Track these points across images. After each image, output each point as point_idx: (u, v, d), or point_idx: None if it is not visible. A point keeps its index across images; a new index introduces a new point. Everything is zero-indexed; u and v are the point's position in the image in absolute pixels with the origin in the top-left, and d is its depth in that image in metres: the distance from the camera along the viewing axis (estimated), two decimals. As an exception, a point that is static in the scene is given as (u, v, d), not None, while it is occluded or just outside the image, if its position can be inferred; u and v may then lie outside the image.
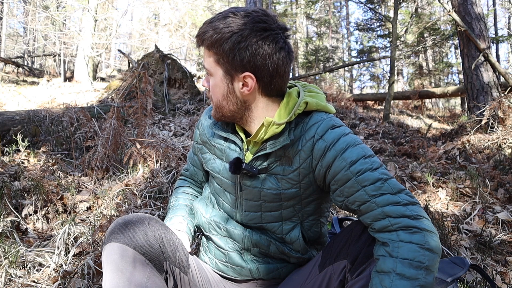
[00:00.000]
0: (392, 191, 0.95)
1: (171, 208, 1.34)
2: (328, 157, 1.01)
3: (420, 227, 0.90)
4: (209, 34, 1.00)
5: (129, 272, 0.92)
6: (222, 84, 1.04)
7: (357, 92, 17.36)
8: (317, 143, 1.03)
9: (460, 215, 2.45)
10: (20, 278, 1.58)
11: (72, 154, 3.26)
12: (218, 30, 0.99)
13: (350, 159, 0.98)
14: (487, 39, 5.36)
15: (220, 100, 1.07)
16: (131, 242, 0.96)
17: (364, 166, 0.97)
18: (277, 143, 1.05)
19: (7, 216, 2.01)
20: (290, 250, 1.14)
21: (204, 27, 1.03)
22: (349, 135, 1.03)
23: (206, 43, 1.02)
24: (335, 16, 20.19)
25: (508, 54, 19.28)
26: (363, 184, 0.96)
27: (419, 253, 0.87)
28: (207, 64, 1.05)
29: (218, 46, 0.99)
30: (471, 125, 4.80)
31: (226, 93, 1.05)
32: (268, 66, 0.99)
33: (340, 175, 0.99)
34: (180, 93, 6.51)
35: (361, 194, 0.96)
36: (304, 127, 1.06)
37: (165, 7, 12.75)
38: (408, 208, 0.93)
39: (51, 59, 14.02)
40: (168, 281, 1.03)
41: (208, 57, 1.04)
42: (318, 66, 14.16)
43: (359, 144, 1.02)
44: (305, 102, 1.06)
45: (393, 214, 0.92)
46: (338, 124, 1.05)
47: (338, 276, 1.00)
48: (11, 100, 6.72)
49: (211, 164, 1.21)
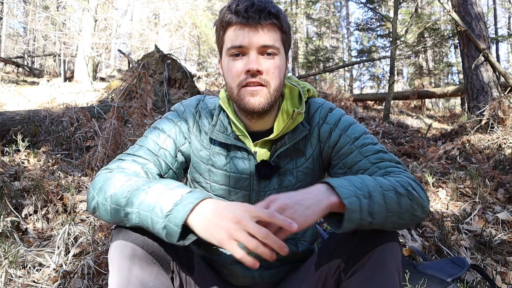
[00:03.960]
0: (392, 161, 1.04)
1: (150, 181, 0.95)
2: (334, 136, 1.08)
3: (417, 182, 0.97)
4: (275, 9, 0.98)
5: (136, 271, 0.91)
6: (285, 65, 1.05)
7: (357, 92, 17.36)
8: (322, 127, 1.09)
9: (460, 215, 2.45)
10: (20, 278, 1.58)
11: (72, 154, 3.26)
12: (277, 8, 0.99)
13: (353, 135, 1.06)
14: (487, 39, 5.36)
15: (281, 82, 1.04)
16: (138, 240, 0.93)
17: (366, 140, 1.06)
18: (296, 135, 1.06)
19: (7, 216, 2.01)
20: (299, 243, 1.15)
21: (261, 3, 0.97)
22: (346, 115, 1.13)
23: (279, 20, 0.99)
24: (335, 16, 20.19)
25: (508, 54, 19.28)
26: (366, 155, 1.03)
27: (408, 185, 0.93)
28: (276, 42, 0.99)
29: (285, 25, 1.01)
30: (471, 125, 4.80)
31: (285, 74, 1.06)
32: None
33: (344, 150, 1.06)
34: (180, 93, 6.51)
35: (364, 163, 1.02)
36: (308, 116, 1.10)
37: (165, 7, 12.75)
38: (407, 172, 1.01)
39: (51, 59, 14.01)
40: (174, 281, 1.02)
41: (276, 35, 0.99)
42: (318, 66, 14.16)
43: (357, 122, 1.12)
44: (307, 89, 1.12)
45: (394, 171, 0.99)
46: (333, 106, 1.14)
47: (333, 275, 0.99)
48: (11, 100, 6.72)
49: (209, 176, 1.10)
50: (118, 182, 0.94)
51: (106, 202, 0.92)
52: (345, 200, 0.84)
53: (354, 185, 0.88)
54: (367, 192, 0.87)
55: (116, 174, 0.97)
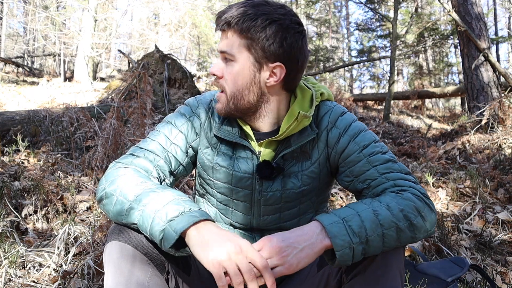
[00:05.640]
0: (402, 171, 1.01)
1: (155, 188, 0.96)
2: (342, 142, 1.05)
3: (426, 200, 0.94)
4: (245, 18, 0.97)
5: (131, 272, 0.91)
6: (249, 72, 1.01)
7: (357, 92, 17.36)
8: (331, 131, 1.07)
9: (460, 215, 2.45)
10: (20, 278, 1.58)
11: (72, 154, 3.26)
12: (256, 16, 0.97)
13: (363, 143, 1.03)
14: (487, 39, 5.36)
15: (241, 89, 1.02)
16: (132, 241, 0.94)
17: (376, 149, 1.03)
18: (302, 138, 1.05)
19: (7, 216, 2.01)
20: None
21: (234, 11, 0.98)
22: (358, 121, 1.10)
23: (239, 26, 0.98)
24: (335, 16, 20.19)
25: (508, 54, 19.28)
26: (374, 164, 1.01)
27: (412, 213, 0.91)
28: (232, 49, 1.00)
29: (255, 31, 0.97)
30: (471, 125, 4.80)
31: (250, 82, 1.01)
32: (298, 59, 1.01)
33: (352, 157, 1.03)
34: (180, 93, 6.51)
35: (372, 172, 1.00)
36: (317, 119, 1.08)
37: (165, 7, 12.75)
38: (417, 185, 0.98)
39: (51, 59, 14.02)
40: (170, 282, 1.02)
41: (235, 41, 1.00)
42: (318, 66, 14.16)
43: (368, 130, 1.08)
44: (321, 93, 1.09)
45: (403, 184, 0.97)
46: (345, 110, 1.11)
47: (335, 276, 0.99)
48: (11, 100, 6.72)
49: (212, 174, 1.11)
50: (132, 181, 0.96)
51: (114, 194, 0.95)
52: (338, 252, 0.85)
53: (352, 230, 0.86)
54: (364, 238, 0.86)
55: (130, 171, 1.00)
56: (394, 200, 0.92)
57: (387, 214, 0.89)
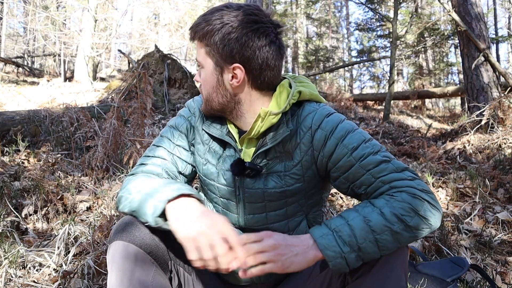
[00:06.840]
0: (397, 170, 0.98)
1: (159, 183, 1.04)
2: (329, 145, 1.01)
3: (424, 198, 0.93)
4: (201, 26, 1.02)
5: (134, 271, 0.92)
6: (212, 76, 1.05)
7: (357, 92, 17.35)
8: (316, 134, 1.03)
9: (460, 215, 2.45)
10: (20, 278, 1.58)
11: (72, 154, 3.26)
12: (209, 22, 1.00)
13: (351, 145, 0.99)
14: (487, 39, 5.36)
15: (210, 92, 1.07)
16: (136, 240, 0.95)
17: (366, 150, 0.99)
18: (277, 135, 1.03)
19: (7, 216, 2.01)
20: None
21: (197, 20, 1.04)
22: (345, 121, 1.05)
23: (198, 35, 1.03)
24: (335, 16, 20.20)
25: (508, 54, 19.29)
26: (368, 168, 0.98)
27: (408, 215, 0.90)
28: (199, 57, 1.06)
29: (209, 37, 1.01)
30: (471, 125, 4.80)
31: (215, 85, 1.05)
32: (257, 58, 1.00)
33: (342, 162, 1.00)
34: (180, 93, 6.51)
35: (367, 178, 0.98)
36: (299, 119, 1.06)
37: (165, 7, 12.75)
38: (415, 182, 0.96)
39: (51, 59, 14.01)
40: (173, 281, 1.02)
41: (200, 49, 1.05)
42: (318, 66, 14.17)
43: (357, 129, 1.03)
44: (299, 92, 1.06)
45: (399, 185, 0.95)
46: (331, 111, 1.06)
47: (339, 276, 0.99)
48: (11, 100, 6.72)
49: (203, 168, 1.14)
50: (140, 181, 1.05)
51: (124, 194, 1.04)
52: (330, 263, 0.88)
53: (342, 240, 0.88)
54: (356, 246, 0.87)
55: (140, 176, 1.08)
56: (388, 204, 0.91)
57: (378, 219, 0.89)
